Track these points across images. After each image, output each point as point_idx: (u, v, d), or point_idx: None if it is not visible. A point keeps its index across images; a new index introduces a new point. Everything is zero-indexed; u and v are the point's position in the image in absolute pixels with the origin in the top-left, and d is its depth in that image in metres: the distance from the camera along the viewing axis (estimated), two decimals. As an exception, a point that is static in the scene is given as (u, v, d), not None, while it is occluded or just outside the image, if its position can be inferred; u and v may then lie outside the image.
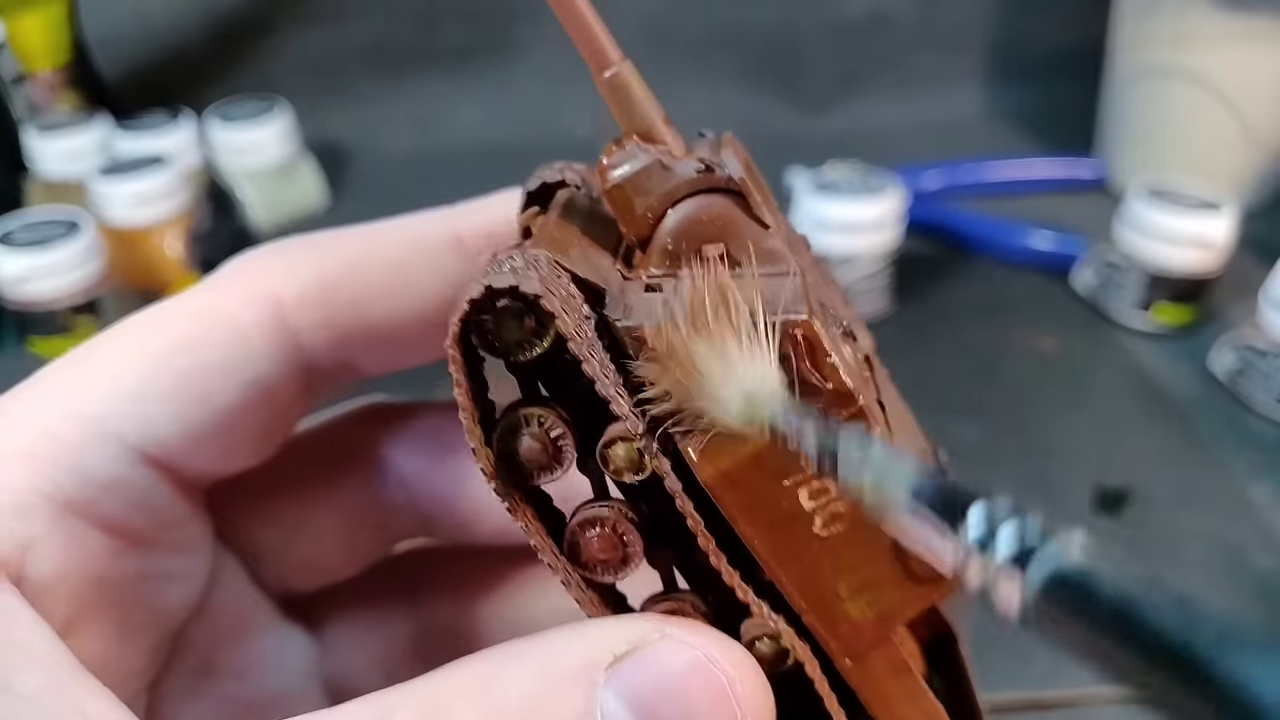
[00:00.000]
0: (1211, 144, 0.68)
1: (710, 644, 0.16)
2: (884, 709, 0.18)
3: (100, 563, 0.19)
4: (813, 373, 0.16)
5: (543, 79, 0.81)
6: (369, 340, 0.21)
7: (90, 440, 0.19)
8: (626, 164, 0.17)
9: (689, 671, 0.16)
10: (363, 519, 0.24)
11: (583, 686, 0.15)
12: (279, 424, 0.22)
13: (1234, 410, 0.52)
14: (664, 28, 0.82)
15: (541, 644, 0.16)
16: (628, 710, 0.15)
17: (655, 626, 0.16)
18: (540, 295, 0.15)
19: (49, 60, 0.69)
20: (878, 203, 0.57)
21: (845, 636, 0.17)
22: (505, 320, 0.16)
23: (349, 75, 0.82)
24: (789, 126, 0.83)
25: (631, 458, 0.16)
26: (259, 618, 0.24)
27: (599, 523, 0.17)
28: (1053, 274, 0.63)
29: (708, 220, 0.17)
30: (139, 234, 0.61)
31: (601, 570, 0.17)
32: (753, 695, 0.16)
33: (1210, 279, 0.57)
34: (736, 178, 0.17)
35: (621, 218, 0.17)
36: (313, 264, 0.21)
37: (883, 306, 0.60)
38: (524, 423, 0.17)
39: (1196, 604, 0.10)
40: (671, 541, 0.18)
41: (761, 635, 0.17)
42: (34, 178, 0.66)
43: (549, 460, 0.17)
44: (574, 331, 0.16)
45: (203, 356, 0.20)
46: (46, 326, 0.55)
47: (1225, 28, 0.64)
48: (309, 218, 0.71)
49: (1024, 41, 0.85)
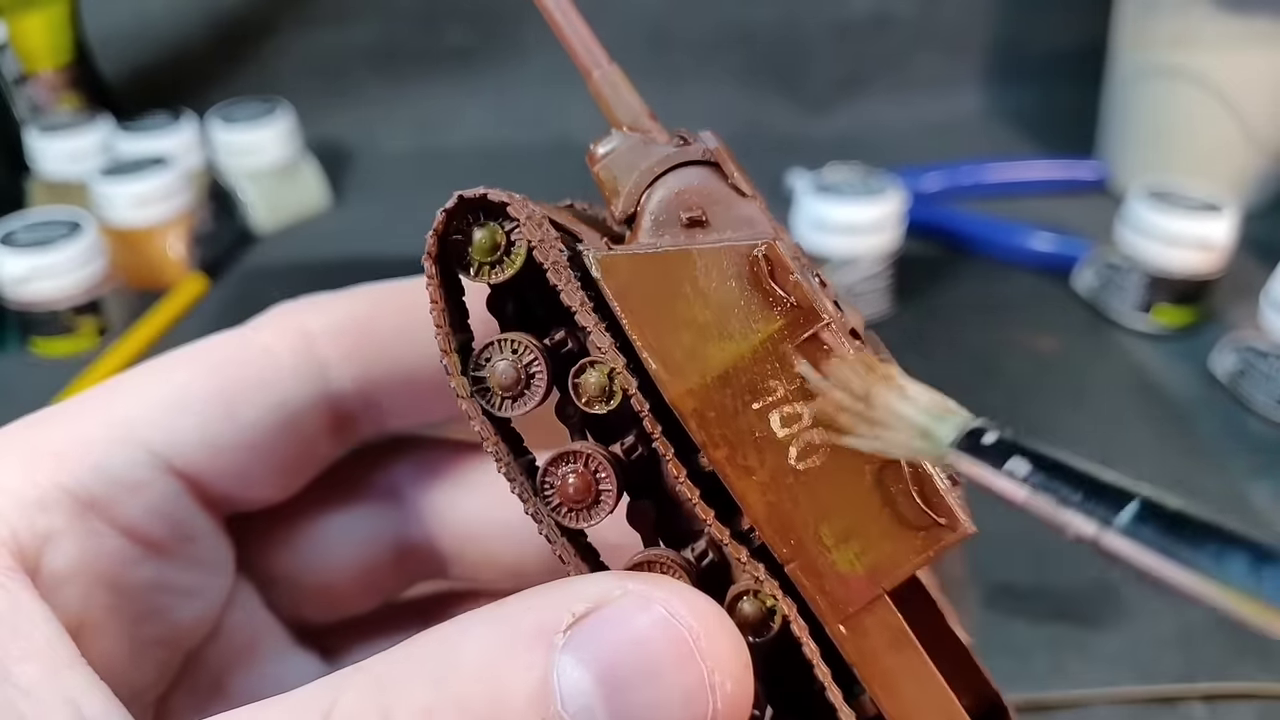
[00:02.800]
0: (1212, 145, 0.68)
1: (673, 596, 0.15)
2: (884, 689, 0.16)
3: (117, 566, 0.19)
4: (776, 288, 0.16)
5: (544, 80, 0.81)
6: (394, 379, 0.22)
7: (116, 444, 0.19)
8: (611, 145, 0.18)
9: (650, 627, 0.15)
10: (379, 554, 0.24)
11: (539, 650, 0.14)
12: (304, 456, 0.22)
13: (1235, 411, 0.52)
14: (665, 29, 0.82)
15: (497, 610, 0.15)
16: (586, 673, 0.14)
17: (616, 583, 0.15)
18: (508, 203, 0.16)
19: (51, 61, 0.70)
20: (878, 204, 0.57)
21: (833, 591, 0.16)
22: (476, 234, 0.17)
23: (351, 76, 0.82)
24: (790, 128, 0.83)
25: (602, 384, 0.16)
26: (272, 643, 0.24)
27: (575, 457, 0.17)
28: (1053, 275, 0.63)
29: (689, 191, 0.17)
30: (141, 234, 0.61)
31: (574, 512, 0.17)
32: (721, 648, 0.15)
33: (1211, 280, 0.57)
34: (712, 149, 0.18)
35: (609, 196, 0.18)
36: (344, 304, 0.22)
37: (883, 308, 0.60)
38: (499, 348, 0.17)
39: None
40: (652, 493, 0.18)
41: (745, 593, 0.16)
42: (36, 178, 0.66)
43: (521, 386, 0.17)
44: (539, 240, 0.16)
45: (232, 377, 0.20)
46: (49, 327, 0.55)
47: (1226, 29, 0.64)
48: (310, 218, 0.71)
49: (1025, 43, 0.85)
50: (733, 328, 0.16)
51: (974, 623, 0.40)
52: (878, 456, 0.16)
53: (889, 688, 0.16)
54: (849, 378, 0.16)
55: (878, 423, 0.15)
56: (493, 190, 0.16)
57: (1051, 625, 0.40)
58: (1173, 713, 0.37)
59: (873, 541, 0.16)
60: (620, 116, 0.19)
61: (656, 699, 0.14)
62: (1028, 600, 0.41)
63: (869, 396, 0.15)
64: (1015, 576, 0.42)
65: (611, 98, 0.19)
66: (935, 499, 0.16)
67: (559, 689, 0.14)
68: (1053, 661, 0.38)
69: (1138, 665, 0.38)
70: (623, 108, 0.19)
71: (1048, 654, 0.39)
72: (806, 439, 0.16)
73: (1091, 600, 0.41)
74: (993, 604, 0.41)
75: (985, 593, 0.41)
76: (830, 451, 0.16)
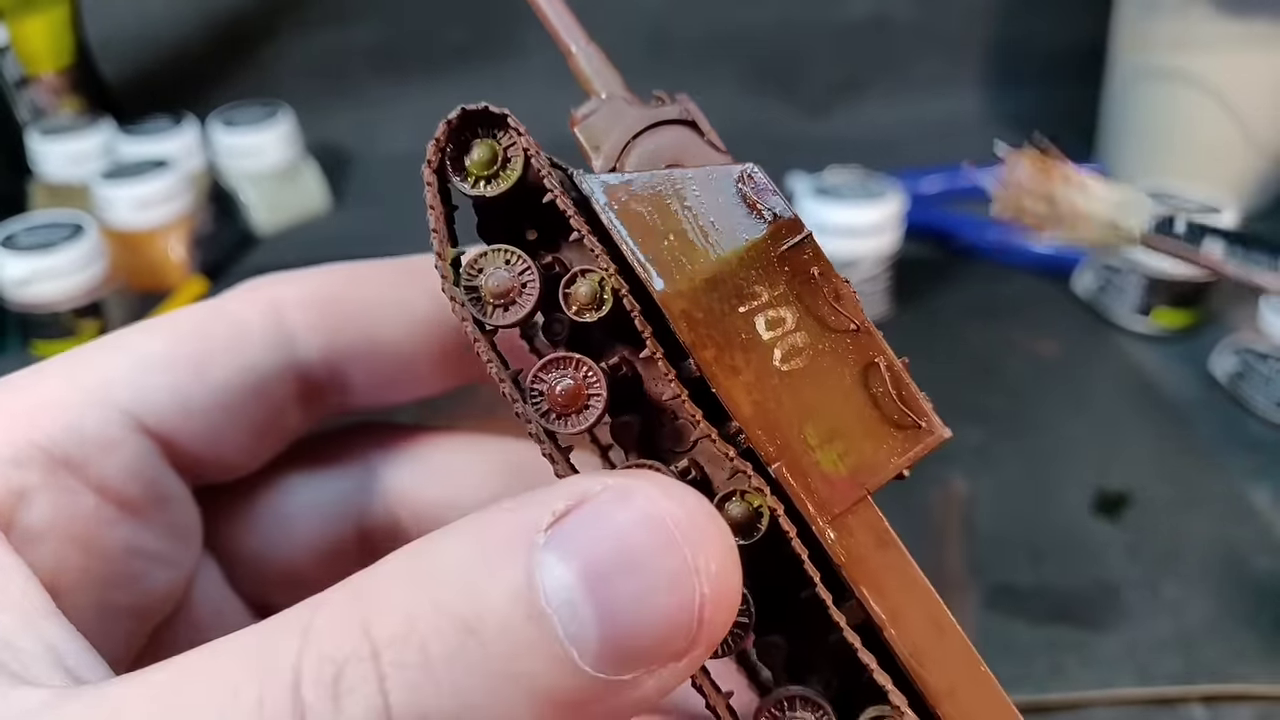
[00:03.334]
0: (1212, 147, 0.68)
1: (655, 488, 0.15)
2: (874, 590, 0.16)
3: (91, 525, 0.19)
4: (759, 203, 0.17)
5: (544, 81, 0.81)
6: (361, 353, 0.22)
7: (89, 404, 0.19)
8: (591, 107, 0.19)
9: (630, 518, 0.14)
10: (343, 535, 0.24)
11: (520, 550, 0.14)
12: (272, 425, 0.22)
13: (1234, 413, 0.52)
14: (665, 32, 0.82)
15: (476, 516, 0.15)
16: (569, 569, 0.14)
17: (597, 480, 0.15)
18: (508, 114, 0.17)
19: (52, 64, 0.70)
20: (878, 206, 0.57)
21: (818, 491, 0.16)
22: (476, 146, 0.17)
23: (351, 79, 0.82)
24: (789, 130, 0.83)
25: (593, 291, 0.17)
26: (235, 623, 0.23)
27: (565, 362, 0.17)
28: (1053, 278, 0.63)
29: (667, 147, 0.19)
30: (142, 237, 0.61)
31: (562, 417, 0.17)
32: (703, 531, 0.15)
33: (1210, 283, 0.57)
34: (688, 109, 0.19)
35: (589, 154, 0.19)
36: (316, 277, 0.22)
37: (883, 310, 0.60)
38: (491, 257, 0.17)
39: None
40: (637, 408, 0.18)
41: (731, 495, 0.17)
42: (37, 181, 0.66)
43: (513, 295, 0.17)
44: (536, 149, 0.17)
45: (204, 341, 0.21)
46: (50, 329, 0.55)
47: (1225, 31, 0.64)
48: (311, 221, 0.71)
49: (1024, 45, 0.85)
50: (720, 237, 0.17)
51: (974, 623, 0.40)
52: (859, 358, 0.17)
53: (876, 586, 0.17)
54: (1033, 181, 0.17)
55: (1066, 219, 0.16)
56: (494, 105, 0.17)
57: (1051, 626, 0.40)
58: (1172, 714, 0.37)
59: (855, 442, 0.17)
60: (598, 89, 0.20)
61: (641, 587, 0.14)
62: (1028, 601, 0.41)
63: (1052, 197, 0.16)
64: (1015, 576, 0.42)
65: (590, 73, 0.20)
66: (913, 402, 0.17)
67: (542, 585, 0.14)
68: (1052, 663, 0.38)
69: (1137, 667, 0.38)
70: (600, 82, 0.20)
71: (1047, 655, 0.39)
72: (790, 342, 0.17)
73: (1091, 602, 0.41)
74: (993, 604, 0.41)
75: (985, 593, 0.41)
76: (813, 354, 0.17)
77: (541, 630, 0.14)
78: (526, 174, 0.17)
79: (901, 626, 0.16)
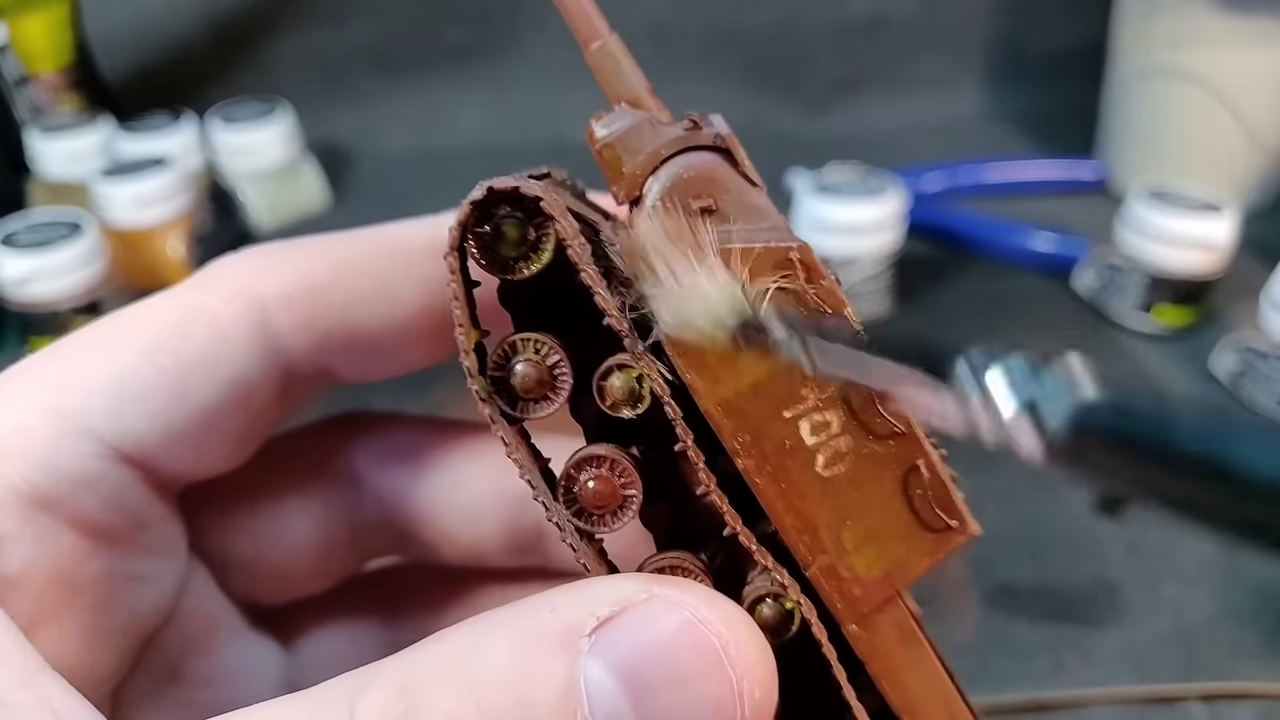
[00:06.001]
0: (1213, 146, 0.68)
1: (701, 603, 0.15)
2: (892, 682, 0.17)
3: (70, 561, 0.19)
4: (810, 290, 0.16)
5: (544, 80, 0.81)
6: (350, 345, 0.21)
7: (65, 436, 0.18)
8: (616, 124, 0.17)
9: (678, 633, 0.14)
10: (334, 533, 0.24)
11: (565, 654, 0.14)
12: (256, 426, 0.22)
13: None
14: (666, 29, 0.82)
15: (521, 612, 0.15)
16: (613, 678, 0.14)
17: (641, 586, 0.15)
18: (541, 198, 0.16)
19: (51, 62, 0.70)
20: (878, 204, 0.57)
21: (851, 594, 0.16)
22: (505, 228, 0.16)
23: (350, 77, 0.82)
24: (790, 128, 0.83)
25: (630, 387, 0.16)
26: (228, 626, 0.23)
27: (597, 461, 0.16)
28: (1054, 276, 0.63)
29: (696, 176, 0.17)
30: (141, 235, 0.61)
31: (597, 517, 0.16)
32: (749, 656, 0.15)
33: (1211, 281, 0.56)
34: (723, 134, 0.17)
35: (611, 177, 0.17)
36: (296, 266, 0.21)
37: (884, 308, 0.60)
38: (520, 348, 0.16)
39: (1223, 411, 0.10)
40: (668, 496, 0.17)
41: (764, 597, 0.16)
42: (36, 179, 0.66)
43: (545, 388, 0.16)
44: (572, 238, 0.16)
45: (182, 354, 0.19)
46: (48, 327, 0.55)
47: (1226, 29, 0.64)
48: (310, 219, 0.71)
49: (1024, 43, 0.85)
50: None
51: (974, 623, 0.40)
52: (901, 462, 0.16)
53: (896, 681, 0.17)
54: (670, 235, 0.15)
55: (674, 282, 0.15)
56: (525, 182, 0.16)
57: (1051, 625, 0.40)
58: (1172, 713, 0.36)
59: (890, 545, 0.17)
60: (620, 92, 0.18)
61: (685, 705, 0.14)
62: (1028, 600, 0.41)
63: (675, 256, 0.15)
64: (1015, 576, 0.42)
65: (611, 72, 0.18)
66: (948, 503, 0.17)
67: (585, 693, 0.14)
68: (1052, 661, 0.38)
69: (1137, 665, 0.38)
70: (623, 83, 0.18)
71: (1048, 654, 0.39)
72: (834, 446, 0.16)
73: (1091, 600, 0.41)
74: (993, 604, 0.41)
75: (985, 593, 0.41)
76: (855, 459, 0.16)
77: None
78: (558, 257, 0.16)
79: (917, 714, 0.17)
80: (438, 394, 0.25)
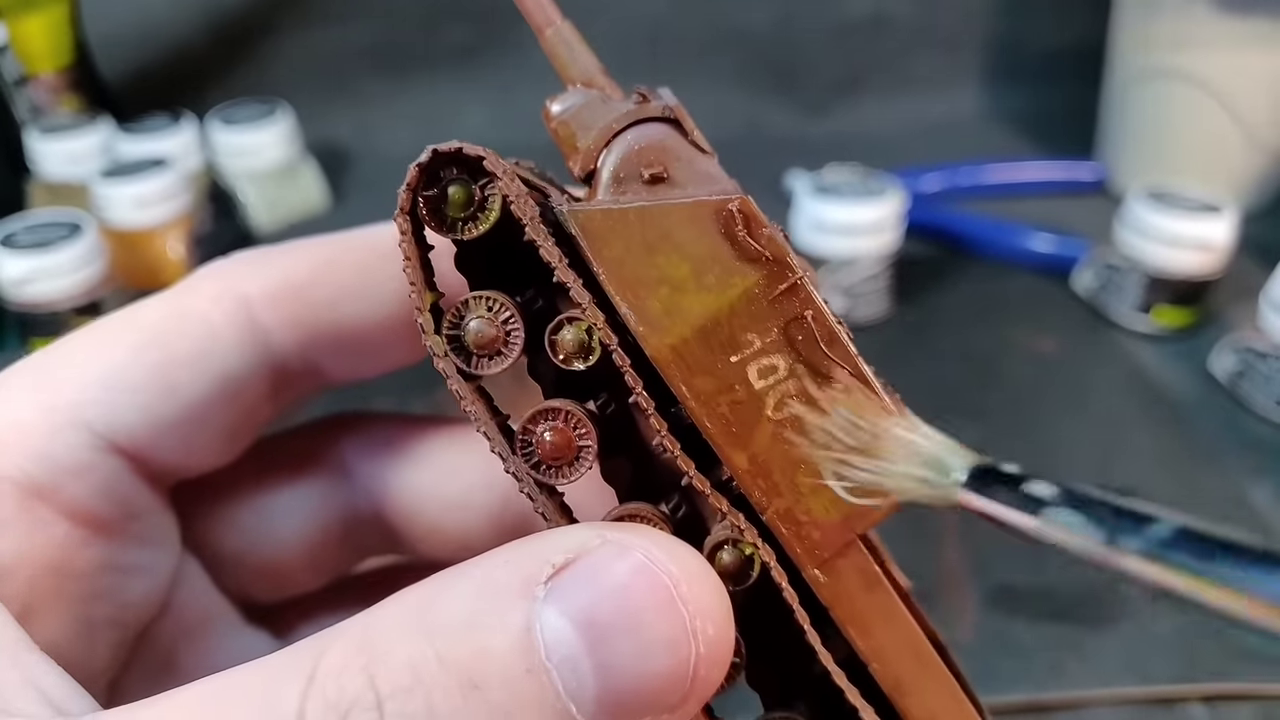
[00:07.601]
0: (1211, 146, 0.68)
1: (653, 544, 0.15)
2: (857, 628, 0.17)
3: (64, 551, 0.19)
4: (750, 242, 0.16)
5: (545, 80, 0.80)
6: (336, 342, 0.22)
7: (58, 427, 0.19)
8: (569, 101, 0.18)
9: (630, 575, 0.15)
10: (326, 529, 0.24)
11: (521, 602, 0.14)
12: (246, 423, 0.22)
13: (1234, 412, 0.52)
14: (664, 30, 0.82)
15: (478, 564, 0.15)
16: (569, 623, 0.14)
17: (595, 533, 0.15)
18: (484, 157, 0.16)
19: (51, 62, 0.70)
20: (877, 205, 0.57)
21: (810, 538, 0.16)
22: (451, 190, 0.17)
23: (350, 77, 0.82)
24: (789, 129, 0.83)
25: (580, 340, 0.16)
26: (222, 621, 0.24)
27: (552, 414, 0.16)
28: (1053, 276, 0.63)
29: (648, 147, 0.17)
30: (141, 236, 0.61)
31: (554, 469, 0.16)
32: (701, 595, 0.15)
33: (1210, 281, 0.57)
34: (671, 105, 0.18)
35: (567, 152, 0.18)
36: (281, 266, 0.21)
37: (883, 309, 0.60)
38: (473, 306, 0.17)
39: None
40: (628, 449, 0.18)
41: (724, 543, 0.17)
42: (36, 180, 0.66)
43: (497, 344, 0.16)
44: (516, 195, 0.16)
45: (172, 350, 0.20)
46: (48, 328, 0.55)
47: (1225, 30, 0.64)
48: (310, 219, 0.71)
49: (1024, 44, 0.85)
50: (709, 281, 0.16)
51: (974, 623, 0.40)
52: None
53: (862, 627, 0.17)
54: (854, 411, 0.16)
55: (880, 456, 0.15)
56: (468, 144, 0.16)
57: (1051, 626, 0.40)
58: (1172, 713, 0.37)
59: None
60: (574, 74, 0.19)
61: (640, 646, 0.14)
62: (1028, 600, 0.41)
63: (874, 429, 0.16)
64: (1015, 576, 0.42)
65: (565, 55, 0.19)
66: None
67: (542, 640, 0.14)
68: (1052, 662, 0.38)
69: (1137, 666, 0.38)
70: (576, 65, 0.19)
71: (1047, 654, 0.39)
72: (782, 390, 0.16)
73: (1091, 601, 0.41)
74: (993, 604, 0.41)
75: (985, 593, 0.41)
76: (805, 401, 0.16)
77: (542, 685, 0.14)
78: (505, 216, 0.17)
79: (884, 661, 0.17)
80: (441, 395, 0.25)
